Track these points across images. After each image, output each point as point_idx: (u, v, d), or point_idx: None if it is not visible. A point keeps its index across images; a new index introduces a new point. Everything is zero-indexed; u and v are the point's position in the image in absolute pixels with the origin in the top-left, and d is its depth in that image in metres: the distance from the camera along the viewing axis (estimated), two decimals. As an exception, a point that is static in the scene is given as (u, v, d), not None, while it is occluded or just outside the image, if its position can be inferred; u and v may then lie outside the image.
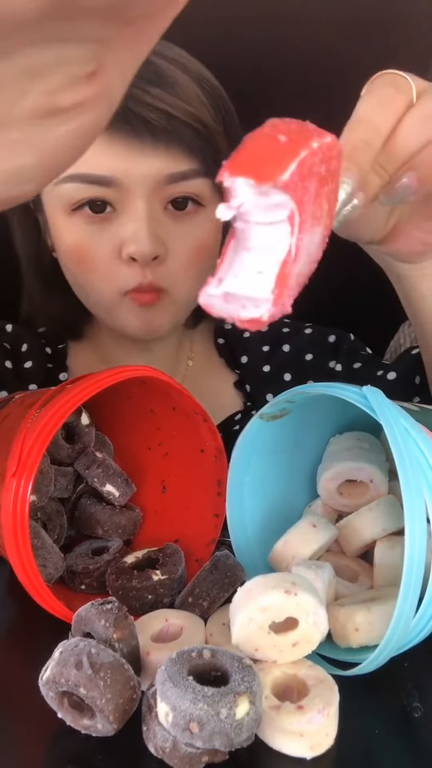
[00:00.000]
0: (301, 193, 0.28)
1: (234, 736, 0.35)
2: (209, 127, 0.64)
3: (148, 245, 0.62)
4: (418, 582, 0.38)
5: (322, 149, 0.29)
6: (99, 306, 0.70)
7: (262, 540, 0.53)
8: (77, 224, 0.65)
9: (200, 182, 0.65)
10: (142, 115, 0.60)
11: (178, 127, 0.62)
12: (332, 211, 0.32)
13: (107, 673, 0.37)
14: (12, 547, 0.45)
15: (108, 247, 0.65)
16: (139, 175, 0.62)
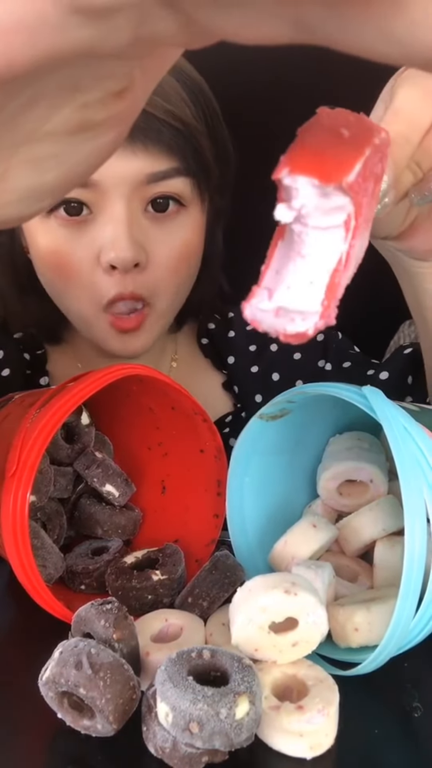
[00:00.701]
0: (360, 196, 0.26)
1: (234, 736, 0.35)
2: (190, 126, 0.62)
3: (129, 250, 0.59)
4: (418, 582, 0.38)
5: (380, 147, 0.27)
6: (77, 317, 0.67)
7: (262, 540, 0.53)
8: (52, 227, 0.62)
9: (181, 181, 0.62)
10: None
11: (156, 124, 0.59)
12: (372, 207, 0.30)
13: (107, 674, 0.37)
14: (12, 547, 0.45)
15: (85, 254, 0.62)
16: (116, 175, 0.59)
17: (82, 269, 0.62)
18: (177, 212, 0.63)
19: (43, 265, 0.65)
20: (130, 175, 0.59)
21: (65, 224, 0.61)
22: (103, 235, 0.60)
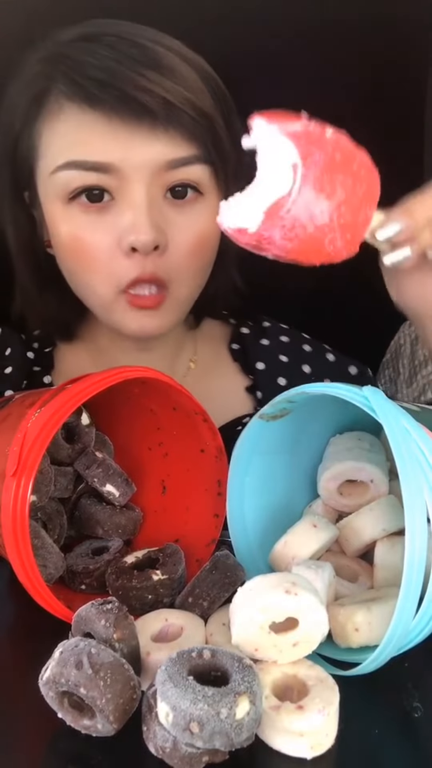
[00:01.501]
0: (305, 153, 0.38)
1: (234, 736, 0.35)
2: (208, 115, 0.63)
3: (149, 233, 0.60)
4: (419, 582, 0.38)
5: (336, 140, 0.40)
6: (96, 302, 0.68)
7: (262, 540, 0.53)
8: (74, 214, 0.63)
9: (200, 168, 0.64)
10: (139, 98, 0.59)
11: (177, 112, 0.60)
12: (350, 203, 0.41)
13: (107, 673, 0.37)
14: (12, 547, 0.45)
15: (106, 238, 0.63)
16: (138, 160, 0.60)
17: (102, 253, 0.63)
18: (195, 199, 0.65)
19: (64, 251, 0.66)
20: (151, 160, 0.61)
21: (87, 210, 0.63)
22: (124, 219, 0.62)
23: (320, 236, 0.41)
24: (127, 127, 0.60)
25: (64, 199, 0.63)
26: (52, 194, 0.64)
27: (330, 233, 0.42)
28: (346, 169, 0.41)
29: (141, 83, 0.59)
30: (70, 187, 0.62)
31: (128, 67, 0.59)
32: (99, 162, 0.61)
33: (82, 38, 0.62)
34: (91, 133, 0.60)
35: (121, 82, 0.58)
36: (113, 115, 0.59)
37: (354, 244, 0.44)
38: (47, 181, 0.64)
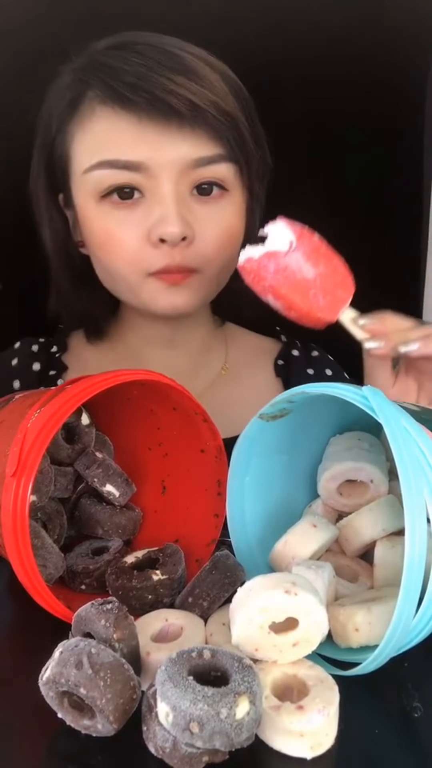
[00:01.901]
0: (300, 236, 0.55)
1: (234, 736, 0.35)
2: (232, 115, 0.67)
3: (178, 225, 0.64)
4: (418, 582, 0.38)
5: (321, 241, 0.56)
6: (125, 287, 0.71)
7: (262, 540, 0.53)
8: (105, 210, 0.67)
9: (225, 167, 0.67)
10: (168, 101, 0.62)
11: (202, 113, 0.64)
12: (329, 278, 0.56)
13: (107, 673, 0.37)
14: (12, 547, 0.45)
15: (136, 231, 0.66)
16: (166, 159, 0.64)
17: (131, 244, 0.66)
18: (221, 196, 0.68)
19: (96, 244, 0.69)
20: (179, 159, 0.65)
21: (117, 207, 0.67)
22: (153, 213, 0.65)
23: (305, 286, 0.54)
24: (156, 127, 0.64)
25: (96, 196, 0.67)
26: (85, 192, 0.68)
27: (313, 288, 0.54)
28: (327, 259, 0.56)
29: (169, 87, 0.63)
30: (102, 185, 0.66)
31: (157, 72, 0.63)
32: (130, 161, 0.64)
33: (114, 47, 0.67)
34: (122, 133, 0.65)
35: (151, 86, 0.62)
36: (144, 116, 0.63)
37: (333, 309, 0.56)
38: (80, 180, 0.68)
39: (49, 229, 0.76)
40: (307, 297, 0.54)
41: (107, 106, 0.65)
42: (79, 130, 0.67)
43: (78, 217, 0.71)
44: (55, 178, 0.72)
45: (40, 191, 0.74)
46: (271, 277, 0.54)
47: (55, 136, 0.69)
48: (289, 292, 0.54)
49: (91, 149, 0.66)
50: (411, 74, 0.93)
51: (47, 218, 0.75)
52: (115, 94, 0.63)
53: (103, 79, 0.64)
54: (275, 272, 0.54)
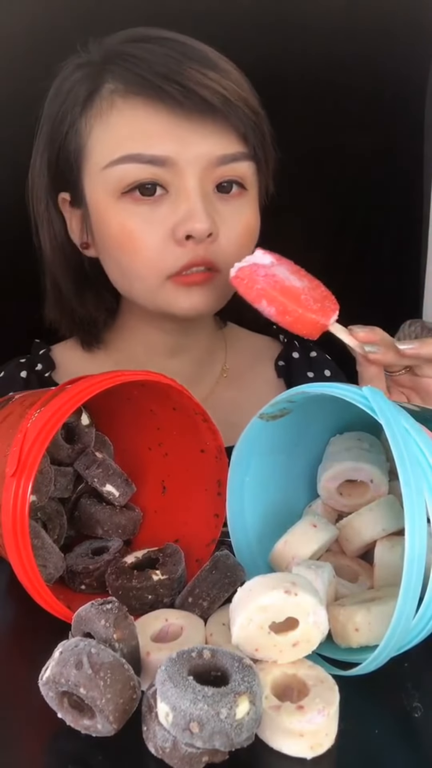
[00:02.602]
0: (278, 259, 0.58)
1: (234, 736, 0.35)
2: (257, 113, 0.66)
3: (206, 221, 0.63)
4: (418, 582, 0.38)
5: (299, 268, 0.59)
6: (143, 289, 0.69)
7: (262, 540, 0.53)
8: (125, 207, 0.65)
9: (246, 165, 0.67)
10: (203, 95, 0.61)
11: (234, 108, 0.63)
12: (314, 291, 0.57)
13: (107, 673, 0.37)
14: (12, 547, 0.45)
15: (159, 229, 0.65)
16: (192, 154, 0.63)
17: (153, 242, 0.65)
18: (240, 194, 0.68)
19: (113, 244, 0.67)
20: (205, 154, 0.64)
21: (139, 203, 0.65)
22: (179, 209, 0.64)
23: (295, 291, 0.55)
24: (184, 121, 0.63)
25: (116, 193, 0.65)
26: (104, 189, 0.66)
27: (303, 293, 0.55)
28: (309, 278, 0.58)
29: (203, 80, 0.62)
30: (124, 181, 0.64)
31: (188, 65, 0.62)
32: (156, 155, 0.63)
33: (134, 40, 0.66)
34: (147, 127, 0.63)
35: (185, 78, 0.61)
36: (177, 109, 0.62)
37: (325, 314, 0.56)
38: (98, 176, 0.66)
39: (49, 230, 0.74)
40: (299, 299, 0.55)
41: (130, 99, 0.63)
42: (98, 124, 0.65)
43: (92, 215, 0.69)
44: (62, 176, 0.70)
45: (42, 191, 0.72)
46: (262, 281, 0.55)
47: (67, 132, 0.67)
48: (280, 294, 0.55)
49: (112, 144, 0.64)
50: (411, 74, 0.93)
51: (47, 219, 0.73)
52: (146, 83, 0.62)
53: (130, 69, 0.63)
54: (265, 277, 0.55)
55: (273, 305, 0.55)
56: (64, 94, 0.67)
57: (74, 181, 0.69)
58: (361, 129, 0.95)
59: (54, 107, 0.68)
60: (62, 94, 0.68)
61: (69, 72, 0.68)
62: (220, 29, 0.67)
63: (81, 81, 0.66)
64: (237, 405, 0.72)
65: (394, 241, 1.01)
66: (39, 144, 0.71)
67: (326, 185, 0.97)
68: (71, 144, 0.67)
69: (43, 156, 0.71)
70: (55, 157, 0.69)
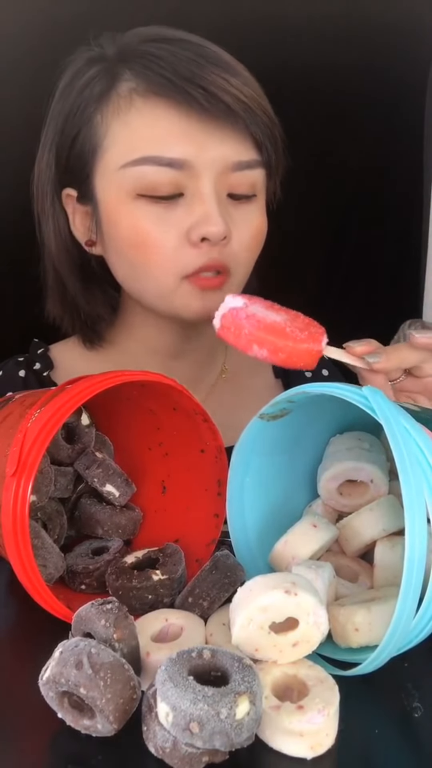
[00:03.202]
0: (250, 300, 0.55)
1: (234, 736, 0.35)
2: (273, 120, 0.67)
3: (222, 224, 0.63)
4: (419, 582, 0.38)
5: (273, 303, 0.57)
6: (155, 292, 0.68)
7: (262, 540, 0.53)
8: (140, 208, 0.65)
9: (258, 173, 0.67)
10: (225, 100, 0.62)
11: (252, 117, 0.64)
12: (296, 321, 0.55)
13: (107, 673, 0.37)
14: (12, 547, 0.45)
15: (174, 231, 0.65)
16: (209, 158, 0.63)
17: (167, 243, 0.65)
18: (249, 200, 0.68)
19: (125, 244, 0.67)
20: (221, 159, 0.64)
21: (154, 204, 0.65)
22: (195, 212, 0.64)
23: (279, 326, 0.54)
24: (207, 125, 0.63)
25: (132, 194, 0.64)
26: (119, 189, 0.65)
27: (287, 326, 0.54)
28: (285, 310, 0.56)
29: (225, 86, 0.62)
30: (142, 182, 0.64)
31: (211, 69, 0.62)
32: (175, 158, 0.63)
33: (152, 39, 0.65)
34: (168, 129, 0.63)
35: (208, 83, 0.61)
36: (200, 113, 0.62)
37: (315, 340, 0.54)
38: (113, 175, 0.65)
39: (53, 226, 0.73)
40: (286, 334, 0.53)
41: (151, 99, 0.63)
42: (116, 122, 0.64)
43: (102, 214, 0.68)
44: (70, 172, 0.69)
45: (48, 186, 0.71)
46: (246, 324, 0.53)
47: (80, 129, 0.66)
48: (267, 334, 0.53)
49: (130, 144, 0.64)
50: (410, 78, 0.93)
51: (51, 215, 0.73)
52: (171, 86, 0.61)
53: (153, 69, 0.62)
54: (247, 318, 0.54)
55: (264, 347, 0.53)
56: (78, 90, 0.66)
57: (84, 178, 0.68)
58: (361, 130, 0.95)
59: (66, 102, 0.67)
60: (75, 89, 0.67)
61: (81, 66, 0.67)
62: (217, 33, 0.67)
63: (96, 77, 0.65)
64: (236, 405, 0.72)
65: (394, 241, 1.01)
66: (47, 138, 0.70)
67: (326, 186, 0.97)
68: (85, 140, 0.66)
69: (51, 151, 0.70)
70: (66, 152, 0.68)
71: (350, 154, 0.96)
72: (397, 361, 0.56)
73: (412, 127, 0.95)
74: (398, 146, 0.97)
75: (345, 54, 0.92)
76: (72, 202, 0.71)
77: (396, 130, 0.96)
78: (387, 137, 0.95)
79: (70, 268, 0.75)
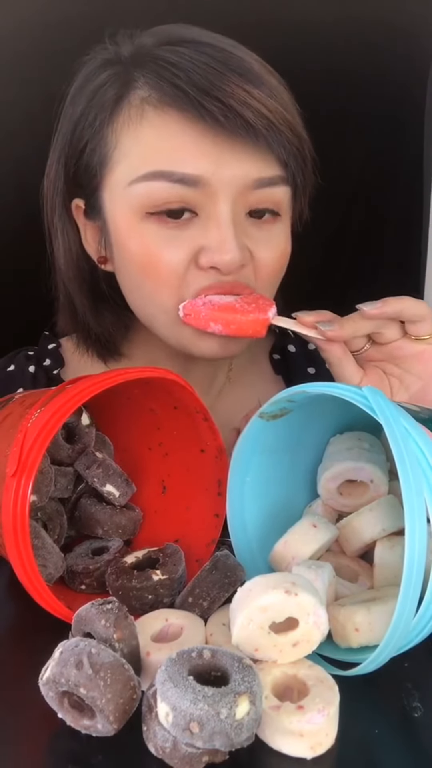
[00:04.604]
0: None
1: (234, 736, 0.35)
2: (301, 137, 0.61)
3: (237, 252, 0.58)
4: (418, 582, 0.38)
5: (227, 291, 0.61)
6: (162, 320, 0.63)
7: (262, 540, 0.53)
8: (149, 228, 0.60)
9: (282, 190, 0.62)
10: (245, 116, 0.56)
11: (276, 134, 0.58)
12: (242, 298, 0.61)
13: (107, 673, 0.37)
14: (12, 547, 0.45)
15: (182, 253, 0.60)
16: (228, 176, 0.58)
17: (175, 267, 0.60)
18: (273, 221, 0.63)
19: (134, 266, 0.62)
20: (240, 177, 0.58)
21: (164, 226, 0.60)
22: (207, 236, 0.59)
23: (230, 305, 0.60)
24: (225, 140, 0.57)
25: (140, 212, 0.60)
26: (127, 207, 0.60)
27: (237, 303, 0.60)
28: (241, 296, 0.61)
29: (245, 98, 0.56)
30: (150, 199, 0.59)
31: (231, 80, 0.56)
32: (188, 174, 0.57)
33: (168, 42, 0.60)
34: (183, 143, 0.58)
35: (226, 96, 0.56)
36: (215, 127, 0.56)
37: (262, 310, 0.59)
38: (122, 192, 0.60)
39: (63, 241, 0.69)
40: (235, 309, 0.59)
41: (163, 110, 0.58)
42: (126, 135, 0.60)
43: (111, 232, 0.63)
44: (79, 183, 0.65)
45: (57, 197, 0.67)
46: (203, 308, 0.59)
47: (90, 139, 0.62)
48: (220, 312, 0.59)
49: (139, 158, 0.59)
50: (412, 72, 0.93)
51: (61, 230, 0.68)
52: (184, 97, 0.56)
53: (166, 78, 0.57)
54: (204, 304, 0.60)
55: (218, 323, 0.59)
56: (89, 95, 0.62)
57: (92, 191, 0.64)
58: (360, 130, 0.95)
59: (76, 107, 0.63)
60: (87, 93, 0.62)
61: (94, 68, 0.63)
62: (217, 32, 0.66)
63: (108, 83, 0.61)
64: (240, 405, 0.69)
65: (394, 241, 1.01)
66: (57, 144, 0.66)
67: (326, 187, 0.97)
68: (94, 152, 0.62)
69: (60, 160, 0.66)
70: (74, 164, 0.64)
71: (350, 154, 0.96)
72: (351, 329, 0.55)
73: (413, 127, 0.95)
74: (398, 146, 0.96)
75: (345, 54, 0.92)
76: (81, 215, 0.67)
77: (396, 130, 0.96)
78: (387, 137, 0.95)
79: (79, 287, 0.71)
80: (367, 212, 1.00)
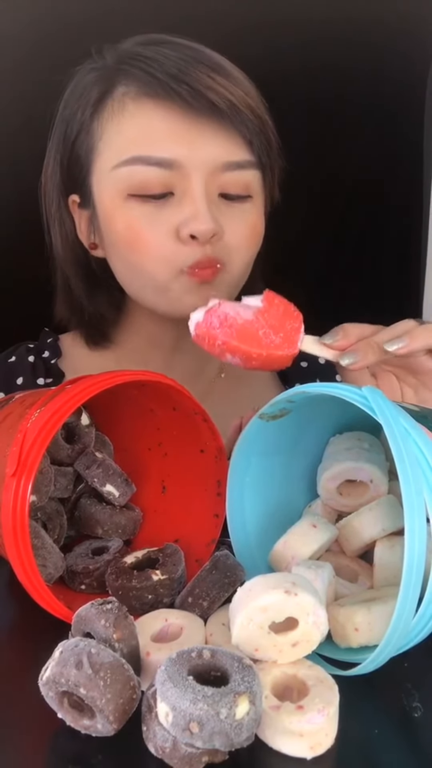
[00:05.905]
0: (220, 301, 0.55)
1: (234, 736, 0.35)
2: (265, 122, 0.67)
3: (209, 222, 0.64)
4: (418, 582, 0.38)
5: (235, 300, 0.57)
6: (151, 288, 0.69)
7: (262, 540, 0.53)
8: (131, 208, 0.66)
9: (251, 174, 0.68)
10: (209, 97, 0.62)
11: (240, 114, 0.64)
12: (269, 313, 0.54)
13: (107, 673, 0.37)
14: (12, 547, 0.45)
15: (164, 228, 0.66)
16: (199, 158, 0.64)
17: (159, 241, 0.66)
18: (243, 201, 0.69)
19: (121, 243, 0.68)
20: (212, 159, 0.65)
21: (144, 203, 0.66)
22: (184, 210, 0.65)
23: (252, 328, 0.53)
24: (192, 124, 0.63)
25: (123, 194, 0.66)
26: (112, 189, 0.67)
27: (261, 328, 0.53)
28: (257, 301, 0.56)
29: (210, 83, 0.63)
30: (131, 181, 0.65)
31: (197, 67, 0.63)
32: (164, 158, 0.64)
33: (146, 43, 0.67)
34: (156, 130, 0.64)
35: (193, 80, 0.63)
36: (184, 110, 0.63)
37: (290, 343, 0.54)
38: (107, 177, 0.67)
39: (60, 230, 0.75)
40: (258, 339, 0.52)
41: (142, 100, 0.64)
42: (109, 127, 0.66)
43: (99, 216, 0.70)
44: (72, 178, 0.71)
45: (54, 191, 0.73)
46: (219, 333, 0.53)
47: (78, 134, 0.68)
48: (240, 341, 0.52)
49: (121, 145, 0.65)
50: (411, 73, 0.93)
51: (58, 219, 0.75)
52: (157, 84, 0.63)
53: (143, 68, 0.64)
54: (220, 326, 0.53)
55: (237, 355, 0.53)
56: (77, 96, 0.69)
57: (82, 182, 0.70)
58: (361, 130, 0.95)
59: (67, 109, 0.70)
60: (75, 96, 0.69)
61: (83, 75, 0.69)
62: (217, 34, 0.67)
63: (93, 83, 0.67)
64: (235, 402, 0.72)
65: (394, 241, 1.01)
66: (52, 145, 0.73)
67: (326, 186, 0.97)
68: (83, 145, 0.68)
69: (56, 157, 0.72)
70: (67, 158, 0.70)
71: (350, 154, 0.96)
72: (375, 356, 0.54)
73: (413, 127, 0.95)
74: (398, 146, 0.96)
75: (345, 54, 0.92)
76: (76, 208, 0.73)
77: (396, 130, 0.96)
78: (387, 137, 0.95)
79: (75, 271, 0.77)
80: (367, 212, 1.00)
